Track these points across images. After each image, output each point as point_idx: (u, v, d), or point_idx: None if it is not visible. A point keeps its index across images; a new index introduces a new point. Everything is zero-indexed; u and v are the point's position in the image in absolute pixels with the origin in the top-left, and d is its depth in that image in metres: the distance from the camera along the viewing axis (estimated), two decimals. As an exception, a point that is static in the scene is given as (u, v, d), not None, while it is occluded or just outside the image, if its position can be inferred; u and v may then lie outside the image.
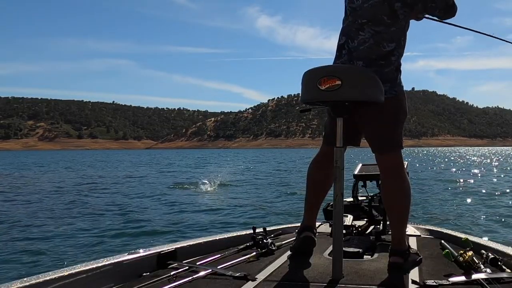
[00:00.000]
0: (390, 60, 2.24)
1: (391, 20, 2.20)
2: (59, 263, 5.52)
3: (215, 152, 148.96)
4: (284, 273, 2.16)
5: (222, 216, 9.49)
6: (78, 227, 8.20)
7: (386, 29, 2.20)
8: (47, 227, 8.24)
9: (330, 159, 2.18)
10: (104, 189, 16.29)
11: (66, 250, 6.38)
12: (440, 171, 27.29)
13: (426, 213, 9.70)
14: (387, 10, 2.18)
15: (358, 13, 2.25)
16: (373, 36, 2.21)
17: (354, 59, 2.26)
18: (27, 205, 11.64)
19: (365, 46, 2.23)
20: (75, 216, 9.52)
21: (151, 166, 37.74)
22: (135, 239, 7.12)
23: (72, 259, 5.72)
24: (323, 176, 2.46)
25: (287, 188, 15.66)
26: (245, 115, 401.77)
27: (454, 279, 1.95)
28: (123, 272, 2.06)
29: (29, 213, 10.09)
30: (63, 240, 7.07)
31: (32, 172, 29.10)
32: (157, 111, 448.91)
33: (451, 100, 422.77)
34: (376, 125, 2.26)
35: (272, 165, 37.19)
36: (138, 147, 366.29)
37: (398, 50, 2.26)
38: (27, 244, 6.80)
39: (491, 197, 12.90)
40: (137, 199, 12.94)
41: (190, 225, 8.35)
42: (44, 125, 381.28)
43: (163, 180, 20.58)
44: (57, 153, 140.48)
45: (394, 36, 2.23)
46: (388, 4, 2.17)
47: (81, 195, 13.94)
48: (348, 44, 2.29)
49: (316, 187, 2.50)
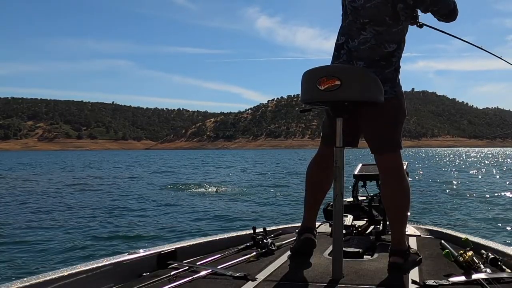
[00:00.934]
0: (391, 61, 2.25)
1: (392, 21, 2.20)
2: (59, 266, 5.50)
3: (214, 152, 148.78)
4: (284, 273, 2.16)
5: (213, 220, 9.38)
6: (64, 231, 8.05)
7: (387, 30, 2.21)
8: (46, 230, 8.22)
9: (328, 160, 2.18)
10: (95, 190, 16.21)
11: (53, 255, 6.24)
12: (440, 171, 27.31)
13: (426, 213, 9.70)
14: (390, 11, 2.18)
15: (360, 13, 2.24)
16: (375, 36, 2.21)
17: (354, 59, 2.25)
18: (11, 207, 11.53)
19: (366, 46, 2.23)
20: (56, 219, 9.35)
21: (146, 167, 37.68)
22: (117, 244, 6.92)
23: (64, 263, 5.65)
24: (322, 177, 2.45)
25: (282, 190, 15.66)
26: (245, 115, 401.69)
27: (454, 279, 1.95)
28: (123, 272, 2.06)
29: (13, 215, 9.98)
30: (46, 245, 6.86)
31: (22, 173, 28.82)
32: (156, 111, 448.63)
33: (450, 101, 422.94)
34: (376, 126, 2.26)
35: (271, 166, 37.19)
36: (137, 147, 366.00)
37: (399, 51, 2.27)
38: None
39: (491, 197, 12.91)
40: (127, 200, 12.84)
41: (185, 229, 8.26)
42: (44, 126, 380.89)
43: (155, 181, 20.51)
44: (54, 154, 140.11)
45: (395, 37, 2.24)
46: (391, 5, 2.17)
47: (66, 197, 13.75)
48: (347, 44, 2.28)
49: (315, 188, 2.50)
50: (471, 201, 11.97)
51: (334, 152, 2.10)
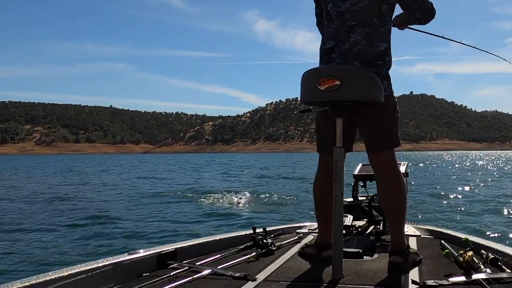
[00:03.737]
0: (385, 59, 2.29)
1: (379, 22, 2.25)
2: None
3: (212, 156, 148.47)
4: (284, 273, 2.15)
5: (213, 220, 9.32)
6: (64, 231, 8.03)
7: (376, 30, 2.25)
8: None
9: (331, 171, 2.12)
10: (93, 192, 16.10)
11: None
12: (439, 174, 27.34)
13: (426, 214, 9.72)
14: (376, 12, 2.24)
15: (346, 16, 2.26)
16: (365, 37, 2.24)
17: (350, 60, 2.26)
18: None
19: (357, 47, 2.25)
20: (56, 219, 9.31)
21: (145, 170, 37.61)
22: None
23: (64, 263, 5.59)
24: (329, 191, 2.27)
25: (283, 190, 15.64)
26: (243, 119, 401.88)
27: (454, 279, 1.95)
28: (123, 272, 2.06)
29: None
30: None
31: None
32: (155, 115, 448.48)
33: (449, 104, 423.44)
34: (377, 125, 2.27)
35: (271, 167, 37.16)
36: (135, 151, 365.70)
37: (390, 50, 2.32)
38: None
39: (491, 198, 12.93)
40: (127, 201, 12.74)
41: (185, 229, 8.21)
42: (41, 129, 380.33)
43: (155, 183, 20.43)
44: (51, 158, 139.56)
45: (385, 36, 2.29)
46: (377, 6, 2.22)
47: (65, 199, 13.62)
48: (339, 47, 2.29)
49: (325, 202, 2.37)
50: (471, 201, 11.99)
51: (334, 152, 2.09)
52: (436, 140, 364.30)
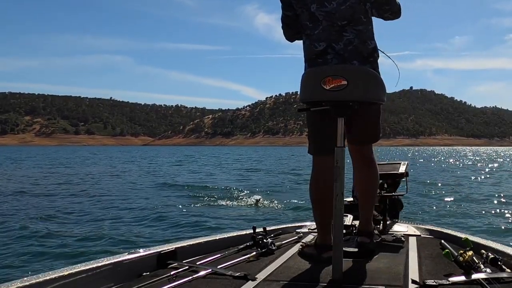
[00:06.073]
0: (375, 56, 2.33)
1: (366, 19, 2.30)
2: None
3: (212, 149, 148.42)
4: (284, 273, 2.15)
5: (213, 220, 9.26)
6: (63, 231, 7.87)
7: (365, 28, 2.30)
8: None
9: (328, 173, 2.09)
10: (91, 189, 15.96)
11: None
12: (439, 171, 27.34)
13: (426, 213, 9.72)
14: (363, 9, 2.27)
15: (335, 16, 2.24)
16: (357, 35, 2.26)
17: (347, 60, 2.25)
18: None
19: (352, 46, 2.25)
20: (55, 219, 9.08)
21: (144, 165, 37.57)
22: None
23: (64, 263, 5.53)
24: (327, 192, 2.25)
25: (282, 190, 15.64)
26: (243, 112, 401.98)
27: (454, 279, 1.95)
28: (123, 272, 2.06)
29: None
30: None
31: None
32: (154, 107, 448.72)
33: (449, 99, 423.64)
34: (365, 120, 2.36)
35: (271, 164, 37.19)
36: (135, 143, 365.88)
37: (377, 47, 2.37)
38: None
39: (491, 197, 12.93)
40: (126, 200, 12.57)
41: (185, 229, 8.14)
42: (41, 121, 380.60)
43: (154, 180, 20.26)
44: (50, 149, 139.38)
45: (372, 33, 2.35)
46: (363, 4, 2.26)
47: (63, 197, 13.30)
48: (333, 48, 2.27)
49: (323, 205, 2.37)
50: (470, 202, 11.97)
51: (335, 152, 2.08)
52: (435, 135, 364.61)
